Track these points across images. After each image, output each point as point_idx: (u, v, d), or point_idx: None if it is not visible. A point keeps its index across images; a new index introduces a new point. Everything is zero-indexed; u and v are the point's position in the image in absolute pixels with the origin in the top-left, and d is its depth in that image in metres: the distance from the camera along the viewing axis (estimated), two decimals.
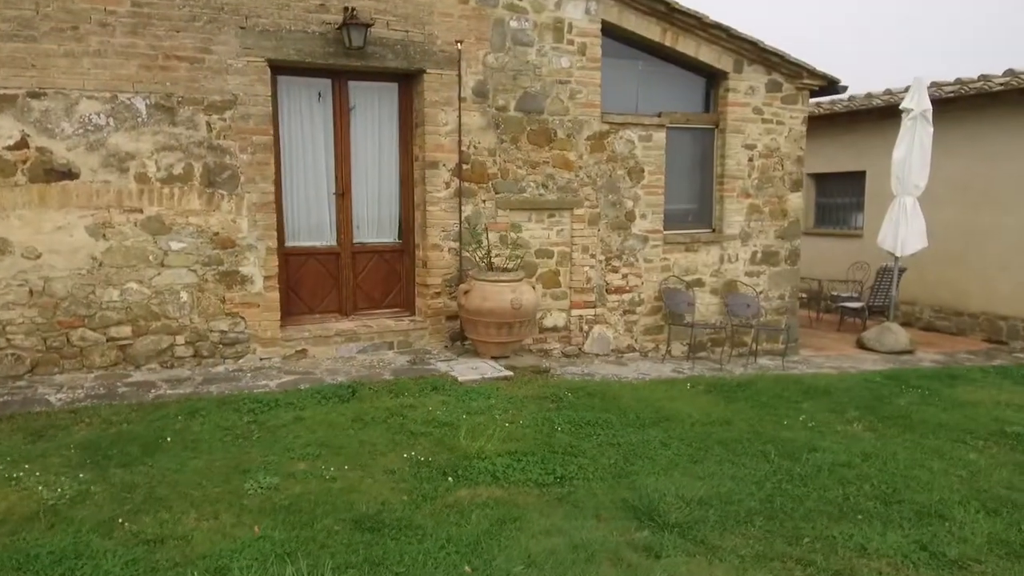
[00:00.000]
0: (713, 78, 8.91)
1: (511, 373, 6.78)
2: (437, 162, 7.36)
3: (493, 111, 7.57)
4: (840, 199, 13.45)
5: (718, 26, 8.37)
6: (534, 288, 7.45)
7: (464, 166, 7.46)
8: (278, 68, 6.79)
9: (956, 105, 10.86)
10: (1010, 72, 10.36)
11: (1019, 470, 5.16)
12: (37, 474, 4.27)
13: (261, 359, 6.79)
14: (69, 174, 6.08)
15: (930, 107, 9.75)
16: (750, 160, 9.00)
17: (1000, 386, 7.89)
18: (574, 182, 8.05)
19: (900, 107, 9.94)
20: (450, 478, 4.48)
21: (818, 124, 13.18)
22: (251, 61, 6.52)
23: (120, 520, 3.78)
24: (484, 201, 7.63)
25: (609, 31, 8.10)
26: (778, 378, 7.73)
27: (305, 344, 7.00)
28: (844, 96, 12.94)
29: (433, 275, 7.48)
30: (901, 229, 9.91)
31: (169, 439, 4.83)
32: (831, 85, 9.19)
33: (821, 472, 4.91)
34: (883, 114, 11.62)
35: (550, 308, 8.10)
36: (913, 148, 9.78)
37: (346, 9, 6.71)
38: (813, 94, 9.38)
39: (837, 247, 13.07)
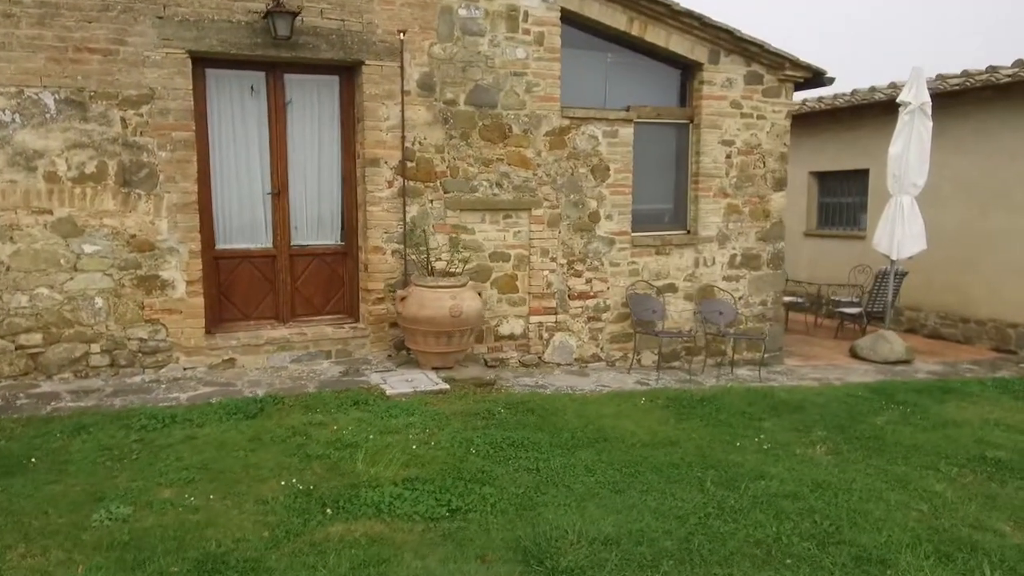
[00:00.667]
0: (688, 70, 8.34)
1: (447, 386, 6.29)
2: (378, 159, 6.91)
3: (441, 105, 7.10)
4: (844, 198, 12.74)
5: (689, 14, 7.79)
6: (480, 295, 6.94)
7: (408, 163, 7.00)
8: (203, 60, 6.39)
9: (962, 99, 10.15)
10: (1019, 63, 9.61)
11: (989, 504, 4.55)
12: None
13: (184, 369, 6.40)
14: None
15: (929, 100, 9.07)
16: (728, 157, 8.40)
17: (996, 401, 7.22)
18: (532, 181, 7.54)
19: (897, 100, 9.27)
20: (328, 510, 4.02)
21: (819, 120, 12.53)
22: (170, 53, 6.13)
23: None
24: (432, 201, 7.15)
25: (571, 20, 7.58)
26: (748, 391, 7.14)
27: (233, 353, 6.59)
28: (847, 90, 12.31)
29: (375, 279, 7.02)
30: (897, 230, 9.24)
31: (35, 460, 4.44)
32: (816, 77, 8.53)
33: (758, 505, 4.36)
34: (886, 109, 10.86)
35: (507, 315, 7.61)
36: (911, 144, 9.10)
37: None
38: (798, 87, 8.74)
39: (841, 249, 12.36)
